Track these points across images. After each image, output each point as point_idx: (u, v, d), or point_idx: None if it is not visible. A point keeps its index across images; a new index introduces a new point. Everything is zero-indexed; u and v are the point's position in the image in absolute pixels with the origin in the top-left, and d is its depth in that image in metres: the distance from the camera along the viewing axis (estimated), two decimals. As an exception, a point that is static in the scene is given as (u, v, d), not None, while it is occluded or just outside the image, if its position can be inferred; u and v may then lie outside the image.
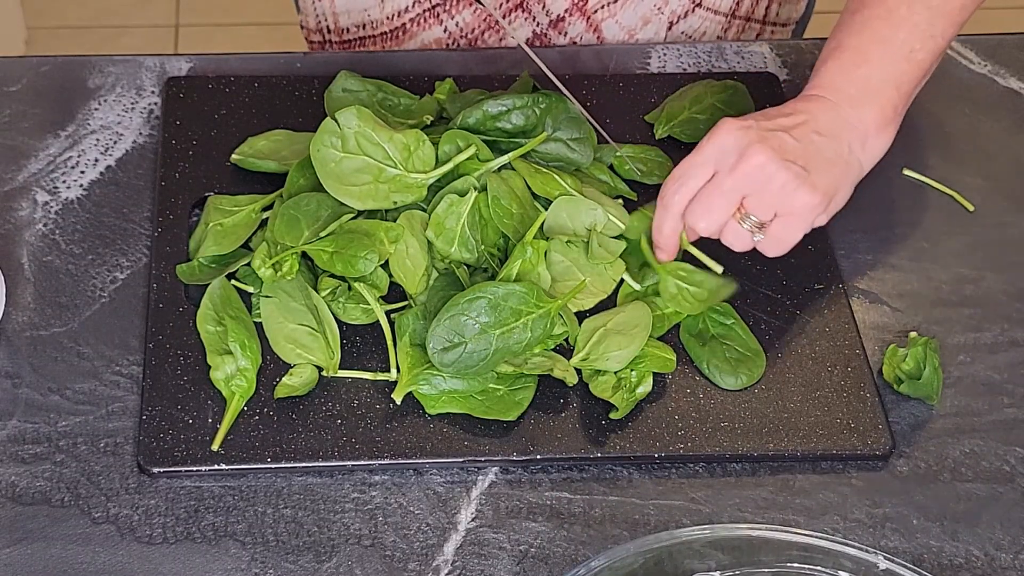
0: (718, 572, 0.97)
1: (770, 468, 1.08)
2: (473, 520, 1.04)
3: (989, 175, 1.28)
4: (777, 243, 1.12)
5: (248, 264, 1.13)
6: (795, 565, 0.96)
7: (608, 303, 1.14)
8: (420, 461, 1.06)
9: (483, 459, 1.06)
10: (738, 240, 1.11)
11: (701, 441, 1.08)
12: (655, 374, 1.10)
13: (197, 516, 1.03)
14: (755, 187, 1.09)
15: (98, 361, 1.11)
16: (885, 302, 1.19)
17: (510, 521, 1.04)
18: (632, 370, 1.09)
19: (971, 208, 1.25)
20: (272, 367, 1.09)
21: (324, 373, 1.09)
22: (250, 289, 1.12)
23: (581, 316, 1.12)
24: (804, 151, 1.10)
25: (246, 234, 1.15)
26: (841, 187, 1.12)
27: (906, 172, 1.28)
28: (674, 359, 1.11)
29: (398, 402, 1.07)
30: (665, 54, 1.36)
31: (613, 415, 1.08)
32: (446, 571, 1.01)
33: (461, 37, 1.44)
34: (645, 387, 1.09)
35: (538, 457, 1.06)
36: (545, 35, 1.43)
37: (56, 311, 1.14)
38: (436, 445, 1.06)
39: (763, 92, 1.30)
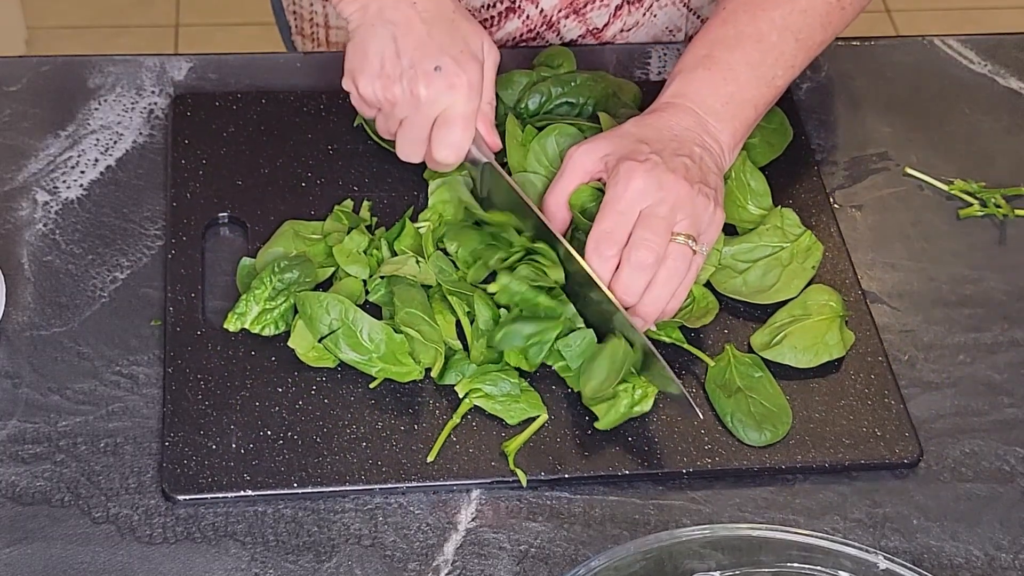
0: (718, 572, 0.97)
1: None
2: (473, 520, 1.04)
3: (989, 175, 1.28)
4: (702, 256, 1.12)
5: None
6: (795, 565, 0.96)
7: None
8: (449, 483, 1.05)
9: (511, 479, 1.05)
10: (682, 258, 1.09)
11: (728, 455, 1.07)
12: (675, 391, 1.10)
13: (197, 516, 1.03)
14: (683, 215, 1.09)
15: (98, 361, 1.11)
16: (885, 302, 1.19)
17: (510, 521, 1.04)
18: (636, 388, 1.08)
19: (972, 207, 1.26)
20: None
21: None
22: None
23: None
24: (700, 169, 1.12)
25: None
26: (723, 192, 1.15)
27: (906, 172, 1.28)
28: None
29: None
30: (665, 54, 1.36)
31: (597, 425, 1.07)
32: (446, 571, 1.01)
33: None
34: (643, 406, 1.08)
35: (566, 476, 1.06)
36: None
37: (56, 311, 1.14)
38: (463, 466, 1.05)
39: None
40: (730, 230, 1.18)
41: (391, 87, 1.13)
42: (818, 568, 0.96)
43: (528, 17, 1.38)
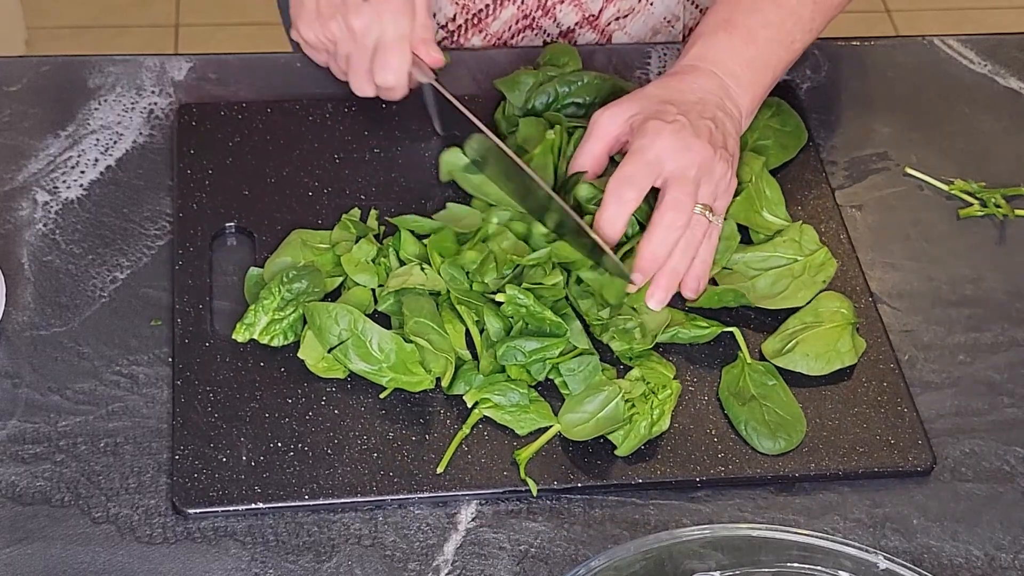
0: (718, 572, 0.97)
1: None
2: (473, 520, 1.04)
3: (989, 175, 1.28)
4: (719, 222, 1.15)
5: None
6: (795, 565, 0.96)
7: None
8: (461, 493, 1.04)
9: (523, 489, 1.05)
10: (699, 228, 1.12)
11: (741, 463, 1.07)
12: (689, 399, 1.10)
13: (197, 516, 1.03)
14: (705, 180, 1.12)
15: (98, 361, 1.11)
16: (885, 302, 1.19)
17: (510, 521, 1.04)
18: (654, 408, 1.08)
19: (972, 207, 1.26)
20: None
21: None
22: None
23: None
24: (722, 134, 1.14)
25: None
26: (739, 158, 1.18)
27: (906, 172, 1.28)
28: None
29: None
30: (665, 54, 1.36)
31: (617, 452, 1.06)
32: (446, 571, 1.01)
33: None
34: (661, 425, 1.07)
35: (579, 485, 1.05)
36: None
37: (56, 311, 1.14)
38: (475, 476, 1.05)
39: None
40: (745, 237, 1.18)
41: (328, 26, 1.22)
42: (818, 568, 0.96)
43: (523, 2, 1.39)
